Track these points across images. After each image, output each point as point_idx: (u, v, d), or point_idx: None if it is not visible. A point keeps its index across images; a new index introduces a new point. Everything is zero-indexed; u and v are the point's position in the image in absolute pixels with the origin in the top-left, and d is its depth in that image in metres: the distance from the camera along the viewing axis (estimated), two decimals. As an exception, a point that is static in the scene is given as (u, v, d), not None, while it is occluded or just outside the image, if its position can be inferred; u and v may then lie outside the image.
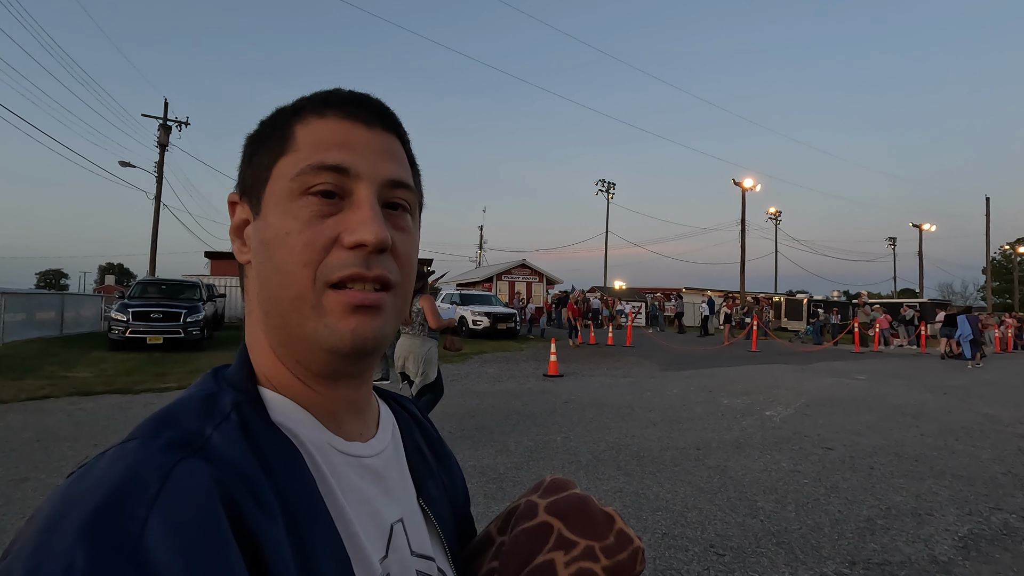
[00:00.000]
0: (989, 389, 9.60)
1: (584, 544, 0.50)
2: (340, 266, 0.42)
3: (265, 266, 0.44)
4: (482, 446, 5.03)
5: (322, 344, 0.43)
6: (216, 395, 0.43)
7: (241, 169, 0.49)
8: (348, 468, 0.46)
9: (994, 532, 3.38)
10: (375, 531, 0.46)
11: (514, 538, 0.52)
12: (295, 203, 0.43)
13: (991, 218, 38.71)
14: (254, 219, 0.47)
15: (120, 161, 20.17)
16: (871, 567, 2.89)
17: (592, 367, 11.51)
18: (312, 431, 0.45)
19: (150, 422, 0.39)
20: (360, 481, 0.47)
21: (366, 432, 0.51)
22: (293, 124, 0.46)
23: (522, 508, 0.55)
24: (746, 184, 30.90)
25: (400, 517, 0.49)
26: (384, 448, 0.51)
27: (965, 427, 6.33)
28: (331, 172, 0.43)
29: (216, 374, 0.47)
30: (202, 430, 0.39)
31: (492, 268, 30.57)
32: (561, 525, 0.52)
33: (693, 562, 2.90)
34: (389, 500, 0.49)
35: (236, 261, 0.51)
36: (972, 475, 4.50)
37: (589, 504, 0.54)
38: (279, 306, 0.44)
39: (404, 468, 0.53)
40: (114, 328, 11.38)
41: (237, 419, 0.41)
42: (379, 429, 0.53)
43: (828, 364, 13.13)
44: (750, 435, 5.68)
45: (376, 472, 0.49)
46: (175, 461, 0.35)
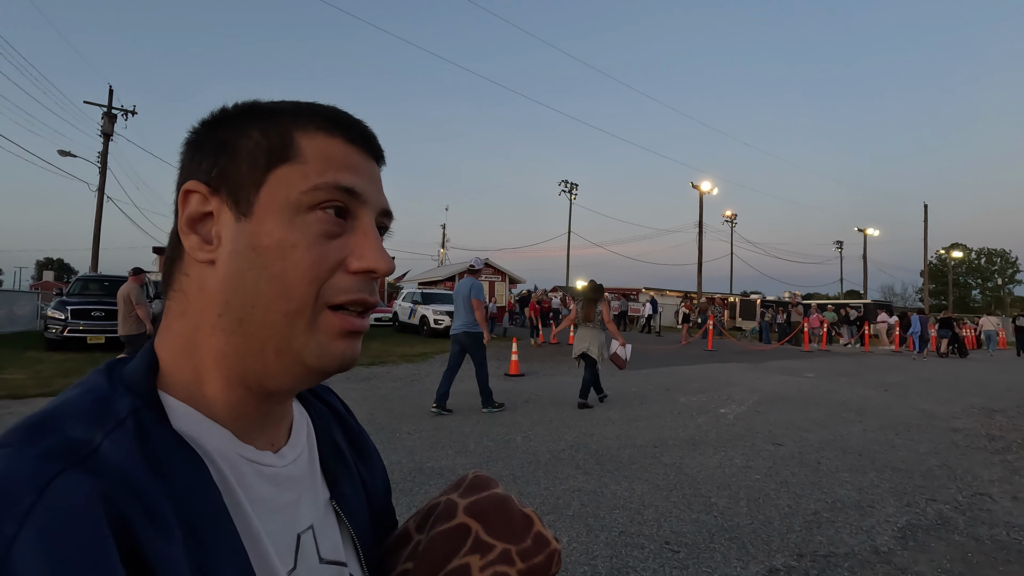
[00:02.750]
0: (926, 386, 10.15)
1: (501, 547, 0.50)
2: (346, 290, 0.43)
3: (255, 273, 0.42)
4: (441, 447, 4.97)
5: (307, 361, 0.42)
6: (109, 397, 0.39)
7: (213, 158, 0.44)
8: (258, 479, 0.43)
9: (930, 522, 3.55)
10: (285, 543, 0.43)
11: (431, 539, 0.52)
12: (303, 216, 0.42)
13: (929, 224, 41.04)
14: (239, 219, 0.43)
15: (59, 150, 19.03)
16: (817, 559, 2.99)
17: (553, 366, 11.57)
18: (219, 441, 0.42)
19: (27, 426, 0.35)
20: (271, 491, 0.44)
21: (278, 440, 0.48)
22: (294, 132, 0.44)
23: (441, 507, 0.55)
24: (704, 187, 31.75)
25: (310, 524, 0.47)
26: (298, 455, 0.49)
27: (904, 422, 6.66)
28: (345, 193, 0.43)
29: (110, 372, 0.42)
30: (90, 437, 0.35)
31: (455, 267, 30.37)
32: (479, 527, 0.51)
33: (649, 559, 2.93)
34: (300, 508, 0.46)
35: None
36: (910, 468, 4.73)
37: (508, 505, 0.54)
38: (267, 316, 0.41)
39: (317, 471, 0.51)
40: (51, 327, 10.74)
41: (133, 426, 0.37)
42: (292, 435, 0.50)
43: (779, 363, 13.61)
44: (705, 432, 5.81)
45: (288, 480, 0.46)
46: (55, 472, 0.31)
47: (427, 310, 17.43)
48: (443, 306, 17.60)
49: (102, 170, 19.96)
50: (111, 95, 19.96)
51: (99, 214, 19.95)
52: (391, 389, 8.18)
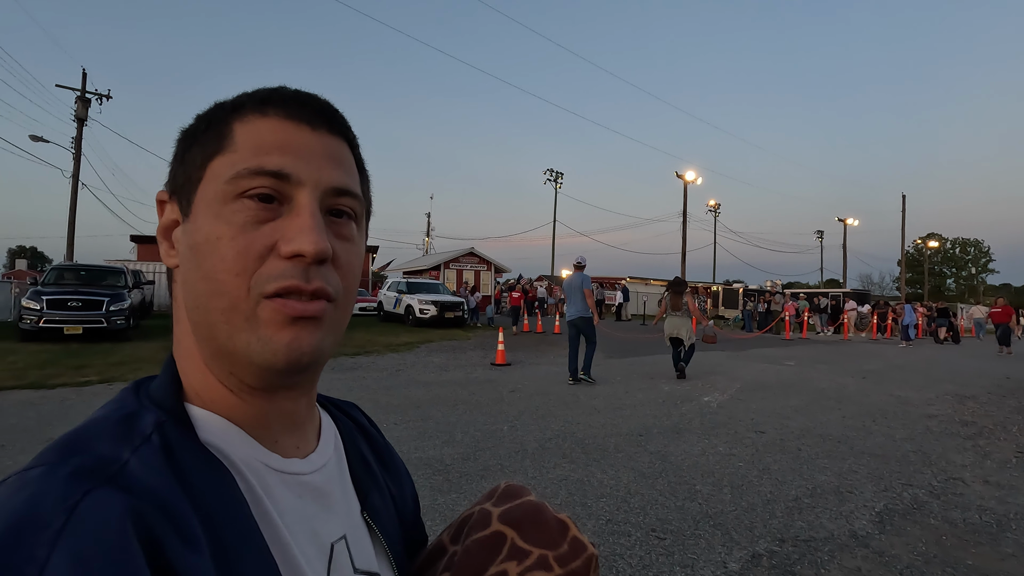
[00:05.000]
0: (901, 373, 10.40)
1: (538, 553, 0.50)
2: (276, 276, 0.39)
3: (193, 273, 0.41)
4: (428, 437, 4.98)
5: (254, 358, 0.40)
6: (136, 414, 0.39)
7: (172, 166, 0.45)
8: (284, 488, 0.43)
9: (906, 507, 3.66)
10: (315, 552, 0.43)
11: (466, 549, 0.51)
12: (228, 207, 0.40)
13: (906, 214, 41.83)
14: (183, 221, 0.42)
15: (31, 135, 18.45)
16: (799, 544, 3.07)
17: (538, 355, 11.63)
18: (244, 450, 0.42)
19: (57, 446, 0.35)
20: (298, 501, 0.44)
21: (305, 446, 0.47)
22: (232, 121, 0.43)
23: (475, 517, 0.54)
24: (688, 177, 31.94)
25: (343, 534, 0.46)
26: (325, 462, 0.48)
27: (881, 409, 6.83)
28: (270, 177, 0.40)
29: (138, 389, 0.42)
30: (118, 455, 0.35)
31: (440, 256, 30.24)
32: (515, 534, 0.51)
33: (636, 547, 2.98)
34: (330, 517, 0.46)
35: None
36: (887, 454, 4.86)
37: (543, 512, 0.53)
38: (208, 316, 0.41)
39: (347, 481, 0.51)
40: (26, 317, 10.48)
41: (159, 441, 0.37)
42: (320, 442, 0.50)
43: (760, 351, 13.84)
44: (689, 420, 5.90)
45: (316, 489, 0.46)
46: (83, 492, 0.31)
47: (412, 299, 17.34)
48: (428, 295, 17.52)
49: (76, 156, 19.41)
50: (84, 79, 19.36)
51: (74, 201, 19.44)
52: (376, 379, 8.15)
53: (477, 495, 3.61)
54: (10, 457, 4.06)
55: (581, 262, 8.54)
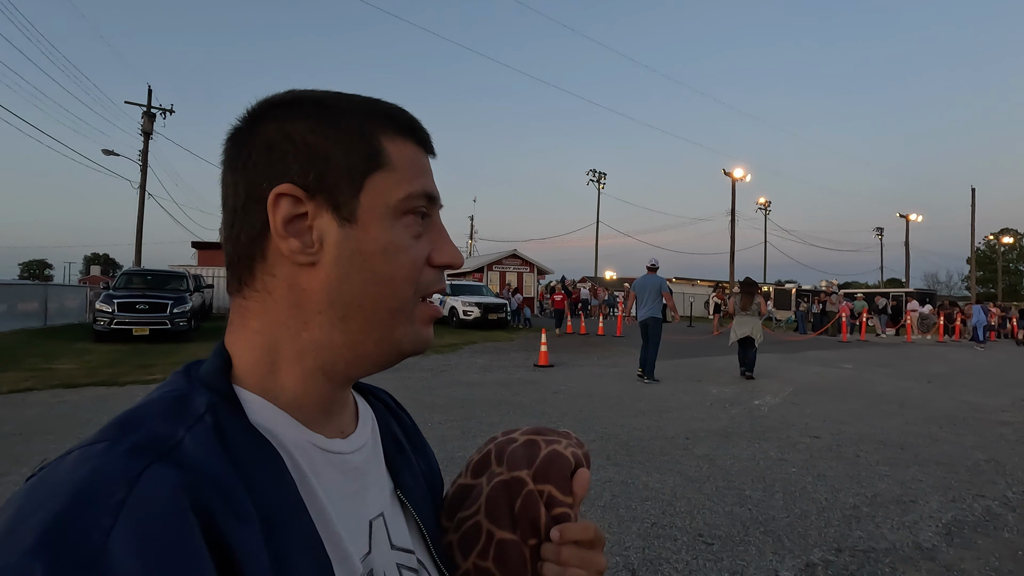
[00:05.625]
0: (970, 377, 9.76)
1: (564, 440, 0.57)
2: (432, 283, 0.49)
3: (363, 275, 0.45)
4: (471, 437, 5.02)
5: (404, 348, 0.47)
6: (189, 395, 0.41)
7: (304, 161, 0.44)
8: (329, 466, 0.45)
9: (977, 519, 3.43)
10: (357, 528, 0.45)
11: (511, 452, 0.56)
12: (400, 221, 0.46)
13: (976, 208, 39.19)
14: (343, 225, 0.44)
15: (103, 149, 19.78)
16: (857, 554, 2.93)
17: (582, 357, 11.54)
18: (292, 431, 0.44)
19: (117, 423, 0.37)
20: (341, 479, 0.46)
21: (347, 428, 0.50)
22: (380, 137, 0.47)
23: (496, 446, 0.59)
24: (736, 174, 31.00)
25: (380, 512, 0.49)
26: (364, 443, 0.51)
27: (948, 415, 6.42)
28: (428, 199, 0.48)
29: (188, 372, 0.45)
30: (173, 433, 0.37)
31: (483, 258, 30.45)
32: (540, 438, 0.57)
33: (682, 551, 2.91)
34: (369, 496, 0.49)
35: (223, 252, 0.48)
36: (955, 462, 4.57)
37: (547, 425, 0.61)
38: (374, 313, 0.45)
39: (382, 462, 0.53)
40: (99, 319, 11.22)
41: (211, 421, 0.39)
42: (359, 424, 0.52)
43: (816, 353, 13.28)
44: (738, 424, 5.72)
45: (357, 468, 0.48)
46: (143, 466, 0.33)
47: (456, 301, 17.55)
48: (472, 297, 17.70)
49: (143, 168, 20.66)
50: (150, 95, 20.59)
51: (141, 210, 20.69)
52: (421, 379, 8.29)
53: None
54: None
55: (655, 264, 8.80)
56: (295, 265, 0.44)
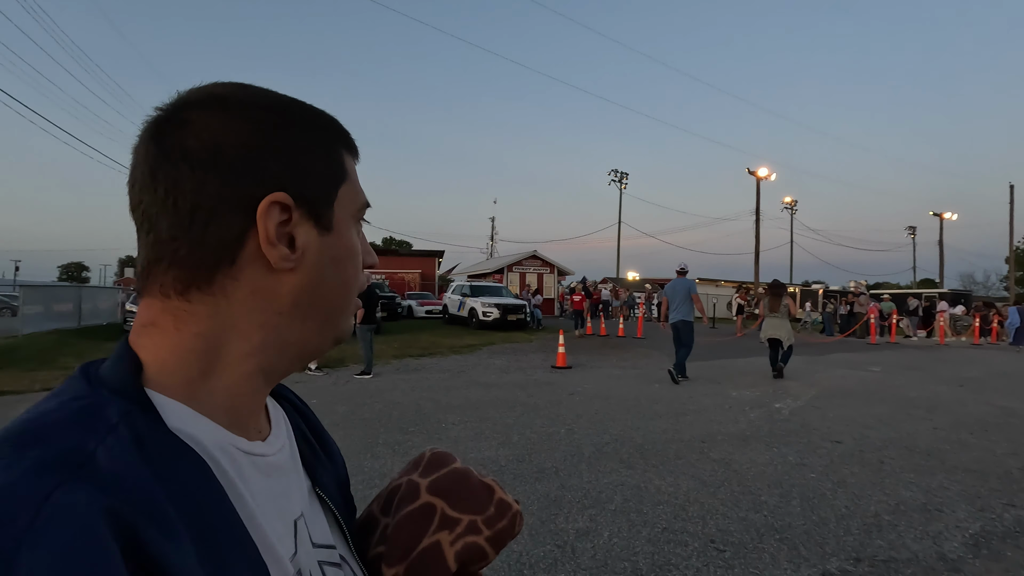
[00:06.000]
0: (1005, 381, 9.38)
1: (467, 519, 0.54)
2: (364, 280, 0.53)
3: (335, 280, 0.48)
4: (484, 438, 5.01)
5: (341, 336, 0.51)
6: (97, 403, 0.37)
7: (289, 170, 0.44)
8: (254, 470, 0.44)
9: (1006, 529, 3.29)
10: (284, 530, 0.45)
11: (398, 522, 0.54)
12: (356, 227, 0.51)
13: (1015, 206, 37.72)
14: (322, 234, 0.47)
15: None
16: (876, 564, 2.83)
17: (601, 359, 11.45)
18: (215, 435, 0.42)
19: (11, 436, 0.33)
20: (266, 481, 0.45)
21: (264, 429, 0.49)
22: (342, 151, 0.50)
23: (404, 489, 0.57)
24: (761, 173, 30.47)
25: (301, 512, 0.49)
26: (283, 444, 0.50)
27: (980, 420, 6.18)
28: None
29: (87, 376, 0.41)
30: (82, 445, 0.33)
31: (503, 259, 30.49)
32: (444, 504, 0.55)
33: (692, 557, 2.85)
34: (291, 496, 0.48)
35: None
36: (985, 470, 4.39)
37: (469, 478, 0.58)
38: (334, 312, 0.49)
39: (299, 461, 0.53)
40: (130, 320, 11.58)
41: (127, 430, 0.36)
42: (273, 425, 0.51)
43: (842, 356, 12.94)
44: (757, 428, 5.60)
45: (279, 469, 0.48)
46: (52, 485, 0.30)
47: (476, 302, 17.59)
48: (491, 298, 17.71)
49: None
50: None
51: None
52: (438, 380, 8.32)
53: (530, 497, 3.62)
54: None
55: (684, 268, 9.04)
56: (269, 271, 0.43)
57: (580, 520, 3.27)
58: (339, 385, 7.85)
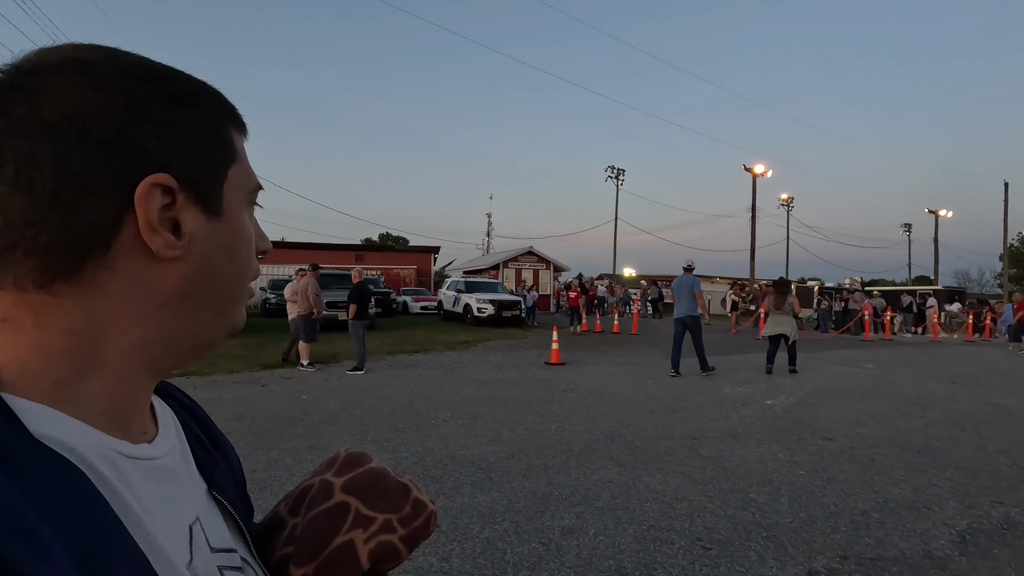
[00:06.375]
0: (1000, 379, 9.41)
1: (382, 518, 0.53)
2: (257, 267, 0.50)
3: (228, 268, 0.46)
4: (475, 435, 4.99)
5: (235, 327, 0.49)
6: None
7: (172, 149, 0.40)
8: (140, 474, 0.40)
9: (994, 526, 3.28)
10: (177, 537, 0.41)
11: (309, 521, 0.53)
12: (247, 211, 0.48)
13: (1009, 203, 37.90)
14: (211, 219, 0.43)
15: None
16: (863, 562, 2.81)
17: (596, 355, 11.44)
18: (92, 440, 0.38)
19: None
20: (155, 486, 0.41)
21: (150, 430, 0.45)
22: (231, 129, 0.47)
23: (316, 488, 0.55)
24: (757, 170, 30.48)
25: (196, 516, 0.45)
26: (172, 445, 0.46)
27: (972, 418, 6.19)
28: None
29: None
30: None
31: (499, 255, 30.42)
32: (358, 503, 0.53)
33: (679, 555, 2.83)
34: (184, 500, 0.45)
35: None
36: (976, 467, 4.38)
37: (385, 477, 0.56)
38: (227, 301, 0.47)
39: (191, 463, 0.49)
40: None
41: None
42: (160, 425, 0.47)
43: (836, 352, 12.96)
44: (749, 425, 5.59)
45: (170, 472, 0.44)
46: None
47: (471, 298, 17.55)
48: (486, 294, 17.67)
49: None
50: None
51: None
52: (432, 376, 8.29)
53: (517, 495, 3.59)
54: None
55: (691, 265, 9.50)
56: (151, 259, 0.39)
57: (566, 518, 3.25)
58: (331, 381, 7.82)
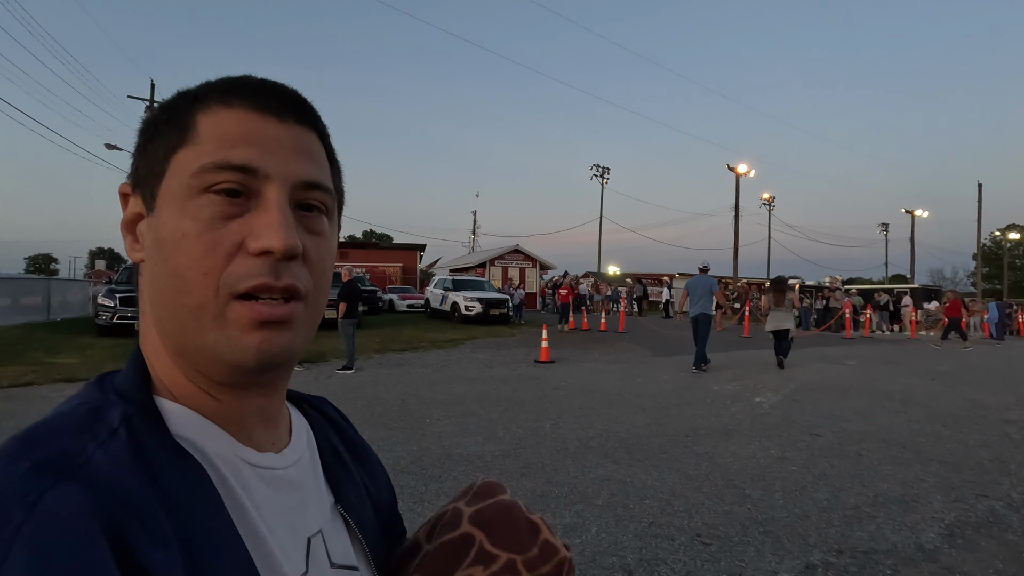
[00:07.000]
0: (975, 375, 9.68)
1: (505, 558, 0.48)
2: (246, 276, 0.38)
3: (159, 268, 0.40)
4: (470, 433, 4.99)
5: (222, 357, 0.39)
6: (102, 408, 0.38)
7: (135, 157, 0.44)
8: (260, 482, 0.42)
9: (980, 519, 3.38)
10: (293, 546, 0.42)
11: (435, 550, 0.51)
12: (194, 201, 0.39)
13: (983, 204, 38.87)
14: (148, 215, 0.41)
15: (106, 144, 19.79)
16: (857, 555, 2.88)
17: (583, 353, 11.51)
18: (219, 444, 0.41)
19: (18, 439, 0.34)
20: (274, 494, 0.43)
21: (279, 442, 0.47)
22: (195, 112, 0.41)
23: (448, 516, 0.53)
24: (740, 170, 30.84)
25: (319, 528, 0.46)
26: (299, 457, 0.48)
27: (952, 413, 6.36)
28: (237, 171, 0.39)
29: (102, 382, 0.41)
30: (82, 449, 0.34)
31: (485, 253, 30.39)
32: (483, 537, 0.50)
33: (679, 551, 2.88)
34: (307, 512, 0.45)
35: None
36: (959, 461, 4.52)
37: (514, 512, 0.52)
38: (175, 313, 0.39)
39: (320, 476, 0.50)
40: (101, 314, 11.25)
41: (126, 435, 0.36)
42: (292, 437, 0.49)
43: (818, 350, 13.19)
44: (739, 422, 5.68)
45: (292, 483, 0.45)
46: (46, 486, 0.30)
47: (458, 296, 17.52)
48: (473, 292, 17.65)
49: (145, 162, 20.64)
50: (152, 89, 20.60)
51: (143, 205, 20.67)
52: (421, 375, 8.27)
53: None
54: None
55: (707, 266, 9.95)
56: (142, 265, 0.43)
57: (567, 515, 3.28)
58: (320, 380, 7.76)
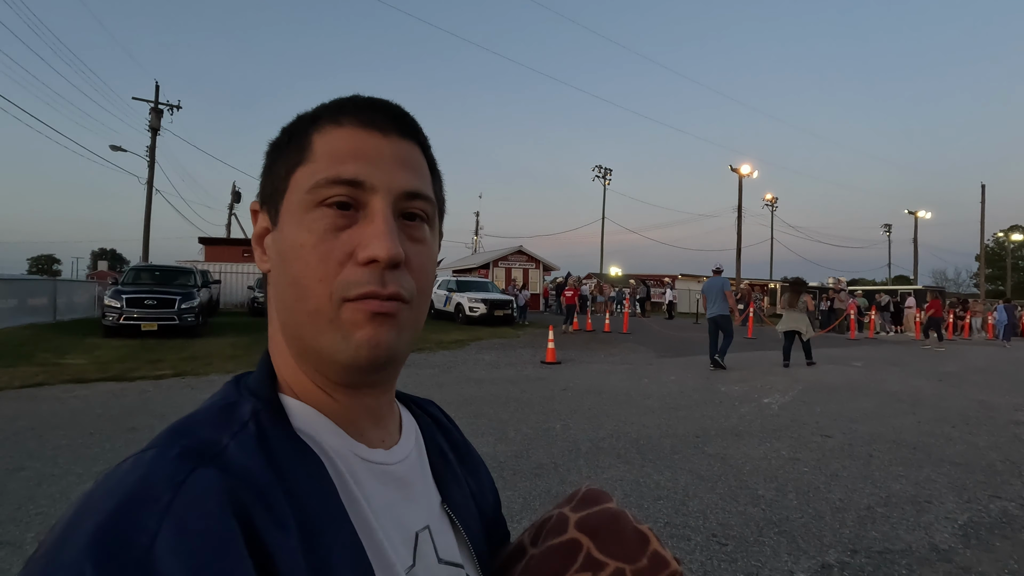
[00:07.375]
0: (982, 376, 9.67)
1: (614, 566, 0.47)
2: (356, 283, 0.42)
3: (282, 278, 0.44)
4: (481, 434, 5.01)
5: (338, 357, 0.43)
6: (236, 404, 0.43)
7: (262, 177, 0.48)
8: (371, 476, 0.45)
9: (993, 520, 3.39)
10: (401, 539, 0.45)
11: (542, 554, 0.51)
12: (309, 215, 0.43)
13: (986, 205, 38.81)
14: (273, 229, 0.46)
15: (111, 145, 19.92)
16: (872, 555, 2.90)
17: (589, 354, 11.52)
18: (334, 439, 0.45)
19: (168, 431, 0.39)
20: (384, 489, 0.46)
21: (389, 439, 0.50)
22: (311, 132, 0.45)
23: (553, 520, 0.53)
24: (743, 170, 30.85)
25: (426, 524, 0.48)
26: (407, 455, 0.50)
27: (961, 414, 6.37)
28: (346, 185, 0.43)
29: (238, 382, 0.46)
30: (218, 439, 0.38)
31: (489, 254, 30.42)
32: (591, 544, 0.49)
33: (696, 551, 2.89)
34: (414, 507, 0.48)
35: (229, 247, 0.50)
36: (970, 462, 4.52)
37: (622, 520, 0.51)
38: (295, 318, 0.44)
39: (428, 475, 0.53)
40: (108, 315, 11.27)
41: (255, 428, 0.40)
42: (402, 436, 0.52)
43: (824, 351, 13.20)
44: (748, 422, 5.69)
45: (400, 479, 0.48)
46: (189, 471, 0.35)
47: (462, 298, 17.54)
48: (477, 293, 17.67)
49: (150, 164, 20.73)
50: (157, 91, 20.66)
51: (148, 206, 20.77)
52: (429, 376, 8.29)
53: (531, 494, 3.63)
54: (98, 444, 4.37)
55: (720, 268, 10.25)
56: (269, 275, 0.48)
57: (583, 515, 3.29)
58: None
